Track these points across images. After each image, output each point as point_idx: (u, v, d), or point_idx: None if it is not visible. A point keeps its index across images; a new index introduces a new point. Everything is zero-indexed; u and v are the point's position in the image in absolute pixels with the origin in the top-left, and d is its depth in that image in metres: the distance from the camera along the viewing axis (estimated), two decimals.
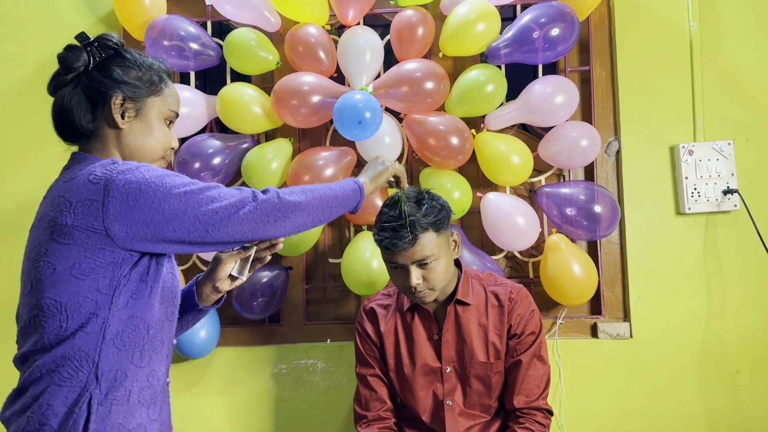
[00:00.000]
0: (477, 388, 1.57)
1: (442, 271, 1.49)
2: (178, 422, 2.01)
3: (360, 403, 1.63)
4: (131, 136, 1.17)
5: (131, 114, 1.16)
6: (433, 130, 1.88)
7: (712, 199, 1.92)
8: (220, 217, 1.07)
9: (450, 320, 1.59)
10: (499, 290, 1.60)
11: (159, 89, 1.19)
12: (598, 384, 1.94)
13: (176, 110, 1.23)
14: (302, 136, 2.08)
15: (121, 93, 1.14)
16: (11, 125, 2.12)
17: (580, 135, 1.87)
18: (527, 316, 1.57)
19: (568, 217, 1.88)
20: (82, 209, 1.04)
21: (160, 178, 1.06)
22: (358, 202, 1.27)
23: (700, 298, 1.94)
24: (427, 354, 1.59)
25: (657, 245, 1.96)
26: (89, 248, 1.05)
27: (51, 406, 1.04)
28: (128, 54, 1.18)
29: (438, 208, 1.48)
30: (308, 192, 1.17)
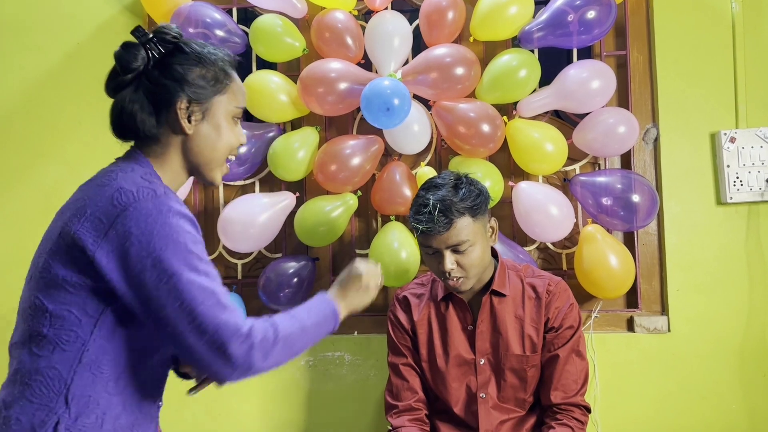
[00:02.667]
0: (512, 382, 1.53)
1: (477, 257, 1.45)
2: (203, 415, 1.99)
3: (391, 393, 1.60)
4: (197, 140, 1.08)
5: (198, 117, 1.07)
6: (463, 117, 1.83)
7: (755, 188, 1.84)
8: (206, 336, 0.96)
9: (485, 311, 1.54)
10: (537, 282, 1.55)
11: (225, 86, 1.09)
12: (634, 379, 1.88)
13: (244, 105, 1.14)
14: (329, 125, 2.04)
15: (185, 96, 1.05)
16: (39, 115, 2.12)
17: (617, 121, 1.81)
18: (565, 310, 1.53)
19: (604, 207, 1.82)
20: (89, 224, 0.99)
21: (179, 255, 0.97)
22: (333, 328, 1.16)
23: (741, 292, 1.87)
24: (461, 345, 1.55)
25: (697, 236, 1.89)
26: (81, 264, 0.99)
27: (20, 421, 0.99)
28: (188, 47, 1.08)
29: (476, 193, 1.46)
30: (287, 339, 1.04)
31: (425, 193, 1.45)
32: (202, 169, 1.11)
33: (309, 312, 1.11)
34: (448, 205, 1.41)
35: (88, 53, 2.11)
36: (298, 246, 2.02)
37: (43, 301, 1.01)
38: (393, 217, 1.93)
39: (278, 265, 1.94)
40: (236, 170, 1.94)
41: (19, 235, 2.09)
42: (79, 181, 2.18)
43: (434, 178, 1.51)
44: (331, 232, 1.91)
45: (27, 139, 2.12)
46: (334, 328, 1.15)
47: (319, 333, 1.12)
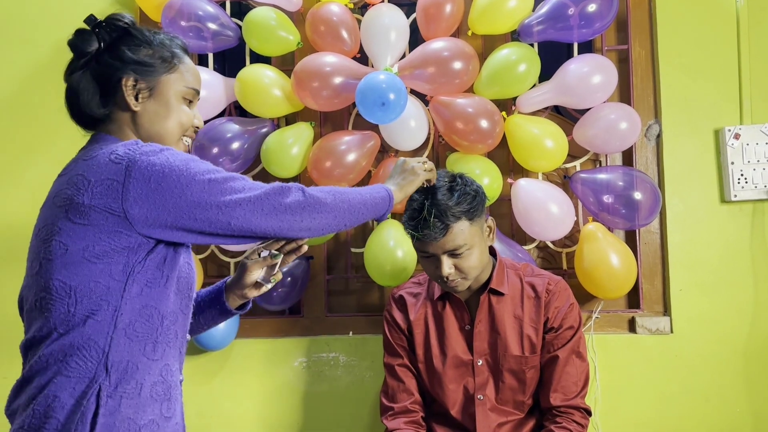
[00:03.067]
0: (510, 383, 1.49)
1: (475, 260, 1.42)
2: (194, 417, 1.94)
3: (387, 395, 1.56)
4: (146, 117, 1.11)
5: (145, 95, 1.10)
6: (461, 112, 1.78)
7: (760, 185, 1.80)
8: (244, 209, 1.02)
9: (483, 310, 1.50)
10: (537, 281, 1.52)
11: (173, 65, 1.12)
12: (636, 381, 1.84)
13: (196, 87, 1.16)
14: (324, 120, 2.00)
15: (132, 74, 1.09)
16: (27, 110, 2.07)
17: (619, 117, 1.77)
18: (565, 310, 1.49)
19: (605, 205, 1.78)
20: (101, 189, 0.99)
21: (185, 162, 1.02)
22: (386, 211, 1.22)
23: (745, 292, 1.83)
24: (458, 345, 1.51)
25: (700, 235, 1.84)
26: (105, 230, 1.00)
27: (57, 398, 0.98)
28: (138, 32, 1.12)
29: (472, 195, 1.41)
30: (336, 194, 1.12)
31: (419, 197, 1.40)
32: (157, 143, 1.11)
33: (363, 189, 1.19)
34: (444, 210, 1.37)
35: None
36: None
37: (65, 281, 1.00)
38: (389, 215, 1.89)
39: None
40: (229, 166, 1.89)
41: (8, 231, 2.05)
42: None
43: (459, 176, 1.46)
44: None
45: (15, 135, 2.08)
46: (388, 208, 1.21)
47: (374, 207, 1.18)
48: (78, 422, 0.97)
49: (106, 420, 0.98)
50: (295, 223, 1.07)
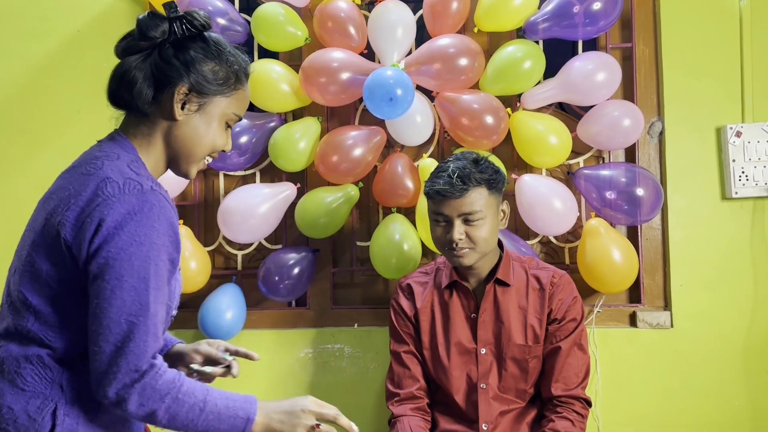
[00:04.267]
0: (513, 372, 1.52)
1: (486, 231, 1.46)
2: None
3: (392, 381, 1.59)
4: (184, 130, 1.04)
5: (192, 108, 1.04)
6: (466, 108, 1.81)
7: (761, 183, 1.82)
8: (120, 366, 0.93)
9: (489, 300, 1.54)
10: (541, 274, 1.55)
11: (231, 90, 1.06)
12: (636, 375, 1.86)
13: (240, 115, 1.10)
14: (330, 115, 2.02)
15: (188, 83, 1.02)
16: (37, 103, 2.10)
17: (622, 114, 1.79)
18: (569, 302, 1.52)
19: (608, 201, 1.80)
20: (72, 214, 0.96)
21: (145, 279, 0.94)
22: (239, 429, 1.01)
23: (745, 288, 1.85)
24: (463, 333, 1.54)
25: (701, 231, 1.87)
26: (60, 255, 0.97)
27: (12, 410, 0.97)
28: (213, 41, 1.06)
29: (494, 170, 1.50)
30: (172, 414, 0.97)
31: (445, 163, 1.49)
32: (180, 160, 1.07)
33: (226, 400, 1.00)
34: (468, 173, 1.44)
35: (87, 41, 2.09)
36: (299, 237, 2.00)
37: (27, 296, 0.98)
38: (394, 209, 1.91)
39: (278, 257, 1.92)
40: (237, 160, 1.92)
41: (16, 224, 2.07)
42: None
43: (454, 154, 1.56)
44: (332, 224, 1.89)
45: (25, 127, 2.10)
46: (243, 422, 1.01)
47: (216, 426, 0.99)
48: None
49: None
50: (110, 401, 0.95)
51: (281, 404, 1.06)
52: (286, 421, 1.04)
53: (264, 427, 1.02)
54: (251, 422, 1.01)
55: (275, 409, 1.04)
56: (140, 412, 0.95)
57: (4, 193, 2.09)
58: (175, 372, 0.99)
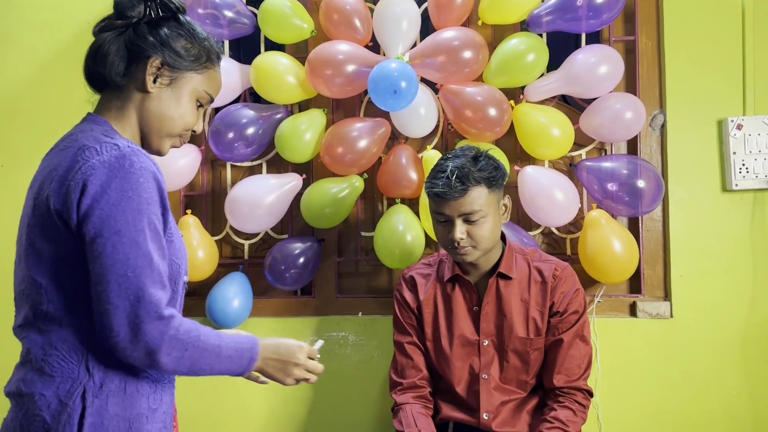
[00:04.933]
0: (514, 363, 1.55)
1: (487, 229, 1.48)
2: (209, 392, 2.02)
3: (396, 371, 1.62)
4: (156, 102, 1.09)
5: (164, 81, 1.09)
6: (470, 101, 1.83)
7: (761, 175, 1.84)
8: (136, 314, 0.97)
9: (491, 293, 1.56)
10: (544, 266, 1.58)
11: (203, 67, 1.12)
12: (636, 364, 1.89)
13: (212, 95, 1.16)
14: (336, 107, 2.05)
15: (161, 56, 1.08)
16: (48, 95, 2.13)
17: (624, 107, 1.81)
18: (571, 295, 1.55)
19: (609, 193, 1.83)
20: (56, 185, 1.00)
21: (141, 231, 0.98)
22: (242, 373, 1.11)
23: (745, 279, 1.87)
24: (465, 326, 1.57)
25: (701, 223, 1.89)
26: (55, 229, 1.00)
27: (43, 396, 1.00)
28: (185, 22, 1.12)
29: (494, 166, 1.50)
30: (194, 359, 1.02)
31: (444, 162, 1.50)
32: (152, 134, 1.11)
33: (230, 349, 1.07)
34: (466, 172, 1.45)
35: None
36: (305, 227, 2.04)
37: (36, 278, 1.01)
38: (398, 200, 1.94)
39: (284, 246, 1.96)
40: (244, 151, 1.96)
41: None
42: None
43: (454, 150, 1.56)
44: (337, 214, 1.93)
45: (36, 118, 2.13)
46: (241, 372, 1.10)
47: (227, 367, 1.07)
48: (65, 423, 0.98)
49: (94, 420, 0.99)
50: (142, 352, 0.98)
51: (278, 349, 1.15)
52: (281, 369, 1.15)
53: (259, 369, 1.13)
54: (253, 362, 1.10)
55: (271, 355, 1.14)
56: (169, 362, 0.99)
57: (18, 185, 2.12)
58: (190, 320, 1.04)
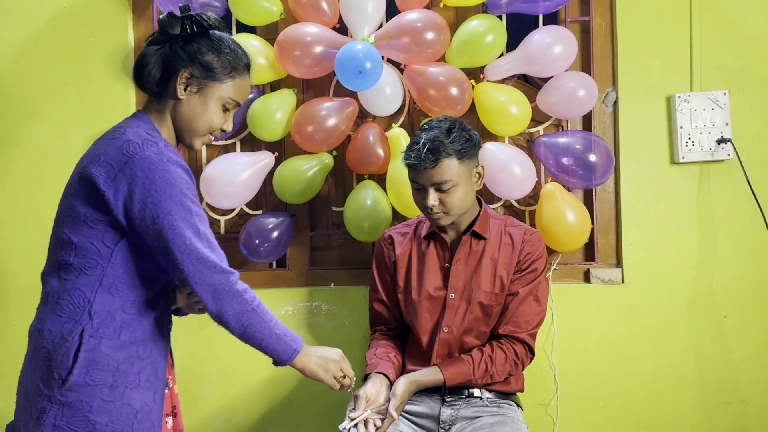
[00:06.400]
0: (477, 315, 1.66)
1: (459, 197, 1.58)
2: (189, 359, 2.12)
3: (370, 321, 1.82)
4: (186, 107, 1.30)
5: (193, 90, 1.29)
6: (433, 80, 1.92)
7: (706, 148, 1.96)
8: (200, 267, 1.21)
9: (463, 250, 1.68)
10: (515, 231, 1.70)
11: (228, 77, 1.30)
12: (589, 327, 2.02)
13: (238, 101, 1.34)
14: (306, 87, 2.13)
15: (190, 69, 1.27)
16: (26, 77, 2.18)
17: (578, 85, 1.91)
18: (535, 256, 1.67)
19: (564, 167, 1.93)
20: (102, 168, 1.21)
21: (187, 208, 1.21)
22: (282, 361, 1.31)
23: (691, 245, 2.00)
24: (435, 280, 1.69)
25: (651, 194, 2.01)
26: (96, 200, 1.22)
27: (51, 332, 1.22)
28: (215, 37, 1.30)
29: (466, 138, 1.59)
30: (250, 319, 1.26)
31: (420, 133, 1.60)
32: (184, 133, 1.33)
33: (281, 330, 1.30)
34: (438, 145, 1.54)
35: (74, 17, 2.17)
36: (278, 203, 2.13)
37: (69, 236, 1.23)
38: (367, 176, 2.04)
39: (258, 221, 2.05)
40: None
41: (8, 195, 2.19)
42: (67, 142, 2.27)
43: (431, 120, 1.65)
44: (308, 190, 2.02)
45: (15, 100, 2.18)
46: (285, 359, 1.30)
47: (274, 346, 1.29)
48: (63, 354, 1.20)
49: (87, 355, 1.20)
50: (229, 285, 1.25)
51: (318, 349, 1.36)
52: (321, 365, 1.35)
53: (302, 364, 1.32)
54: (297, 353, 1.30)
55: (314, 353, 1.35)
56: (232, 316, 1.24)
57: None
58: (252, 290, 1.28)
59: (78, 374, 1.19)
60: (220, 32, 1.32)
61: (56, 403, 1.19)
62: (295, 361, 1.31)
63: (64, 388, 1.19)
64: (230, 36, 1.34)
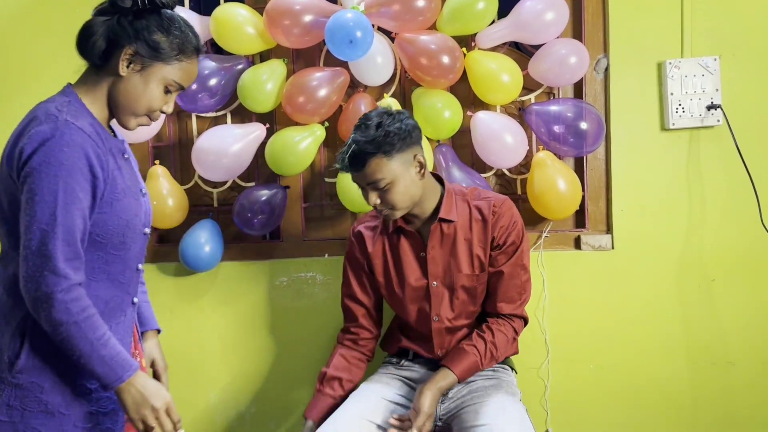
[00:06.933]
0: (463, 299, 1.67)
1: (399, 193, 1.54)
2: (185, 331, 2.15)
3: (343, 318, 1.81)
4: (125, 85, 1.23)
5: (136, 68, 1.23)
6: (424, 49, 1.90)
7: (696, 114, 1.97)
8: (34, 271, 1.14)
9: (435, 238, 1.66)
10: (482, 204, 1.65)
11: (173, 60, 1.24)
12: (580, 292, 2.05)
13: (182, 84, 1.28)
14: (296, 57, 2.11)
15: (135, 46, 1.21)
16: (12, 51, 2.15)
17: (569, 52, 1.90)
18: (509, 227, 1.64)
19: (555, 135, 1.94)
20: (9, 147, 1.20)
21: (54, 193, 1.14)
22: (107, 385, 1.18)
23: (680, 211, 2.02)
24: (414, 271, 1.68)
25: (641, 160, 2.02)
26: (12, 185, 1.19)
27: None
28: (167, 17, 1.24)
29: (393, 133, 1.50)
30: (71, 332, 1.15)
31: (353, 132, 1.56)
32: (119, 111, 1.26)
33: (117, 353, 1.18)
34: (360, 147, 1.51)
35: None
36: (270, 175, 2.13)
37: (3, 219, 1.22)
38: None
39: (251, 193, 2.05)
40: (207, 102, 2.02)
41: None
42: None
43: (368, 114, 1.59)
44: (301, 162, 2.01)
45: (2, 73, 2.15)
46: (106, 383, 1.18)
47: (97, 367, 1.16)
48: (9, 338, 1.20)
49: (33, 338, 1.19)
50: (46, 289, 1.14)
51: (149, 385, 1.21)
52: (138, 402, 1.19)
53: (120, 393, 1.19)
54: (120, 382, 1.18)
55: (140, 386, 1.20)
56: (52, 319, 1.14)
57: None
58: (89, 302, 1.17)
59: (26, 358, 1.19)
60: (172, 12, 1.26)
61: (9, 385, 1.19)
62: (118, 389, 1.19)
63: (15, 370, 1.18)
64: (183, 17, 1.28)
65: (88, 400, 1.24)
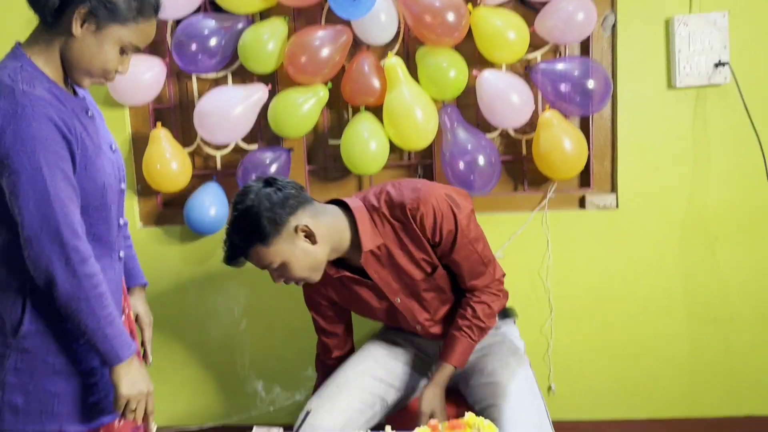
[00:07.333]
0: (431, 297, 1.63)
1: (296, 269, 1.46)
2: (194, 293, 2.17)
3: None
4: (79, 44, 1.17)
5: (90, 28, 1.16)
6: (428, 6, 1.86)
7: (703, 72, 1.95)
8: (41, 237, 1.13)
9: (372, 265, 1.55)
10: (398, 212, 1.51)
11: (129, 21, 1.18)
12: (584, 251, 2.07)
13: (138, 45, 1.22)
14: (297, 15, 2.06)
15: (90, 5, 1.14)
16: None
17: (576, 8, 1.86)
18: (438, 221, 1.50)
19: (562, 94, 1.92)
20: None
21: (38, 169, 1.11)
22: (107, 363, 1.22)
23: (685, 170, 2.02)
24: (373, 299, 1.62)
25: (647, 119, 2.01)
26: None
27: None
28: None
29: (261, 219, 1.40)
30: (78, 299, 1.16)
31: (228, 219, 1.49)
32: (73, 70, 1.20)
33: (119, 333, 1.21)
34: (233, 246, 1.45)
35: None
36: (273, 136, 2.10)
37: None
38: (363, 107, 2.01)
39: (255, 156, 2.03)
40: (208, 63, 1.98)
41: None
42: None
43: (238, 196, 1.47)
44: (304, 124, 1.99)
45: None
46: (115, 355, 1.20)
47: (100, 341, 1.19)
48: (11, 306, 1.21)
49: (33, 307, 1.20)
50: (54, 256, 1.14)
51: (140, 370, 1.25)
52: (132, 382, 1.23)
53: (118, 374, 1.22)
54: (119, 361, 1.21)
55: (135, 371, 1.24)
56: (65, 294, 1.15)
57: None
58: (101, 278, 1.19)
59: (29, 323, 1.20)
60: None
61: (15, 349, 1.21)
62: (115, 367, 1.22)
63: (19, 336, 1.20)
64: None
65: (93, 356, 1.27)
